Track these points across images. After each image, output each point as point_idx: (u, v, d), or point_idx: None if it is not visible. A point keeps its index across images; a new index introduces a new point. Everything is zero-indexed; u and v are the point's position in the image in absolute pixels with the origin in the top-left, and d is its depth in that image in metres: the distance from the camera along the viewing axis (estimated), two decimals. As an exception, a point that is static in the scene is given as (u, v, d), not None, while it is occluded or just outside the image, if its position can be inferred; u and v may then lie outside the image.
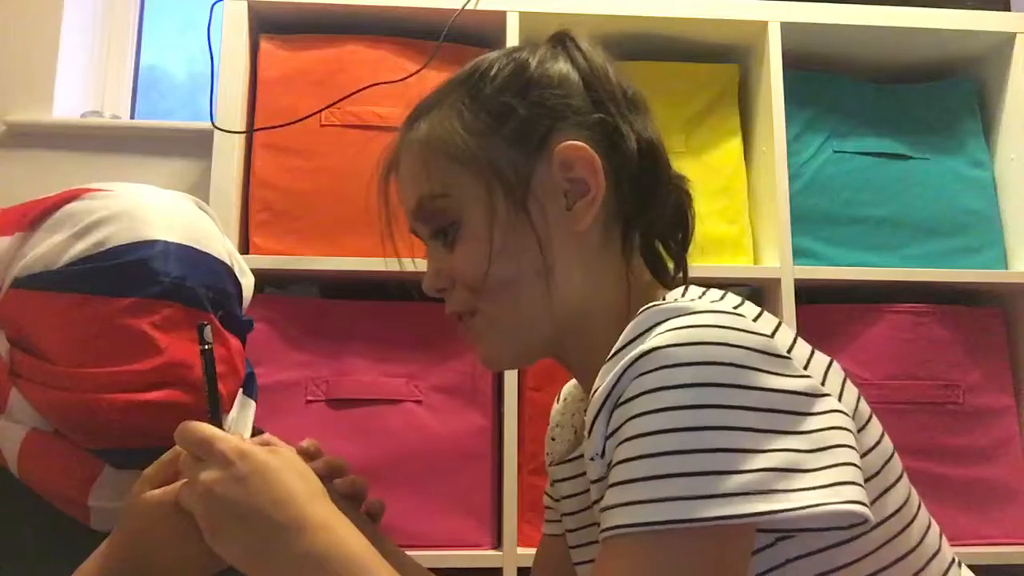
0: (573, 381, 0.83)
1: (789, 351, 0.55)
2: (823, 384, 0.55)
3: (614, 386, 0.53)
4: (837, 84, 1.48)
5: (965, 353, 1.38)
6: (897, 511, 0.58)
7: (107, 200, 0.75)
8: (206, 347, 0.64)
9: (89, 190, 0.76)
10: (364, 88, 1.31)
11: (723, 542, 0.49)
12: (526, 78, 0.66)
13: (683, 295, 0.60)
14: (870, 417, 0.59)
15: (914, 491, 0.61)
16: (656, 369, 0.51)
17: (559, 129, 0.65)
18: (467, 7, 1.33)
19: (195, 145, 1.56)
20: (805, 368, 0.55)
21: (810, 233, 1.40)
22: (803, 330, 0.76)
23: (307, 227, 1.31)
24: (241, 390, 0.85)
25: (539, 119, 0.65)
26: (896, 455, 0.60)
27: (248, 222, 1.32)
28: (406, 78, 1.33)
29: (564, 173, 0.64)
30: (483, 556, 1.24)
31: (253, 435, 0.86)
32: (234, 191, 1.31)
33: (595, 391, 0.55)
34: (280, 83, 1.35)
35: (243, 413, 0.87)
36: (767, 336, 0.53)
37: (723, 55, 1.50)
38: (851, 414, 0.55)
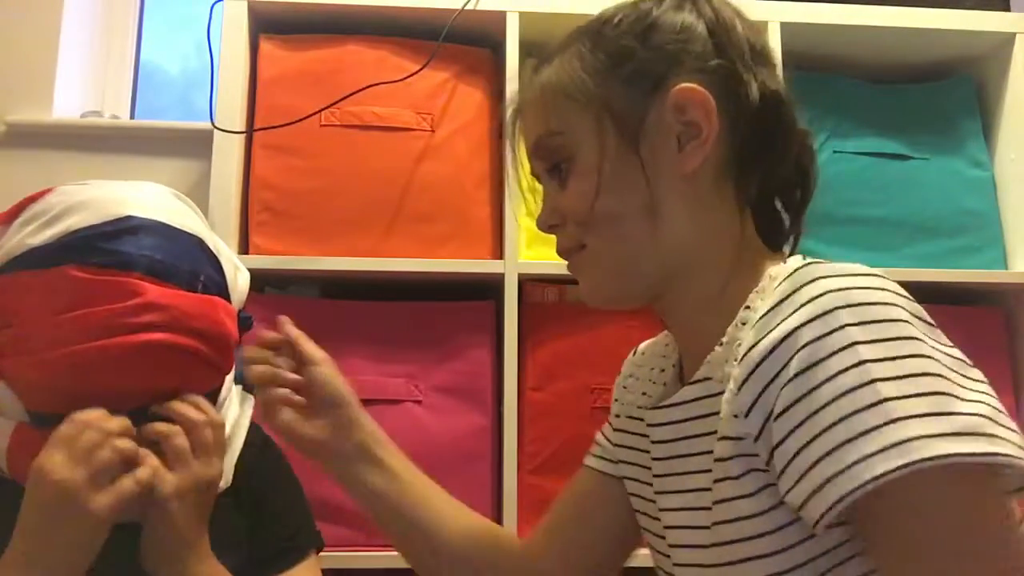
0: (649, 340, 0.84)
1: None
2: None
3: (784, 357, 0.54)
4: (837, 84, 1.48)
5: (965, 353, 1.37)
6: None
7: (77, 191, 0.76)
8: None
9: (61, 187, 0.78)
10: (364, 88, 1.31)
11: (981, 479, 0.51)
12: (648, 23, 0.67)
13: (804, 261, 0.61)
14: None
15: None
16: (840, 328, 0.52)
17: (676, 73, 0.66)
18: (467, 7, 1.33)
19: (195, 145, 1.56)
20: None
21: (810, 233, 1.39)
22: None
23: (307, 227, 1.31)
24: (242, 386, 0.86)
25: (657, 62, 0.66)
26: None
27: (248, 222, 1.32)
28: (406, 78, 1.33)
29: (678, 116, 0.65)
30: (483, 556, 1.24)
31: (249, 435, 0.87)
32: (234, 191, 1.31)
33: (755, 345, 0.56)
34: (280, 83, 1.35)
35: (244, 409, 0.87)
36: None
37: (723, 55, 1.50)
38: None
